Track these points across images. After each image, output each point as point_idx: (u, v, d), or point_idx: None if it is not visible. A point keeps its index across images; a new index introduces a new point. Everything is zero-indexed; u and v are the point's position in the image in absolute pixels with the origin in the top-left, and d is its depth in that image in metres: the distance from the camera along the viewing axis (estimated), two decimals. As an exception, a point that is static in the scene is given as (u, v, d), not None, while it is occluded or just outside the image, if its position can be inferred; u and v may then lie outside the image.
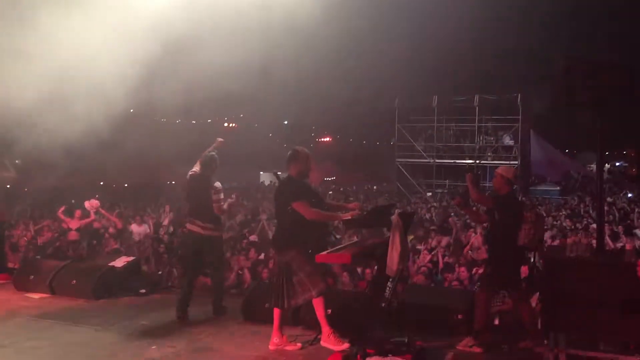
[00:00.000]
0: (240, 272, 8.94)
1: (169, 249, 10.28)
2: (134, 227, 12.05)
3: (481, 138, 27.16)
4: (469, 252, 9.31)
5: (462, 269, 8.14)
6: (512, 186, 6.06)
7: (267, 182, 30.99)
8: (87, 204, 11.16)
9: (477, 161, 25.99)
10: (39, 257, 9.48)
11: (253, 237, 11.16)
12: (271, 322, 5.71)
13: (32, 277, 8.21)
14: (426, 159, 27.05)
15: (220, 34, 8.45)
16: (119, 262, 8.25)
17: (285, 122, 34.59)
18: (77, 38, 7.62)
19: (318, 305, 5.48)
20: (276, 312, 5.63)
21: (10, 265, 9.40)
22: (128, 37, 7.73)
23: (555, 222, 13.70)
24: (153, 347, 5.82)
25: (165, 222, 13.23)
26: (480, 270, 7.58)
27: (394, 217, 5.56)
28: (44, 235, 11.64)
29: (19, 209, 15.07)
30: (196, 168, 7.04)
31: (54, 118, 8.28)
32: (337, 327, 5.68)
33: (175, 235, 11.60)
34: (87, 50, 7.67)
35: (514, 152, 26.22)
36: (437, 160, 26.89)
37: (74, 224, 10.99)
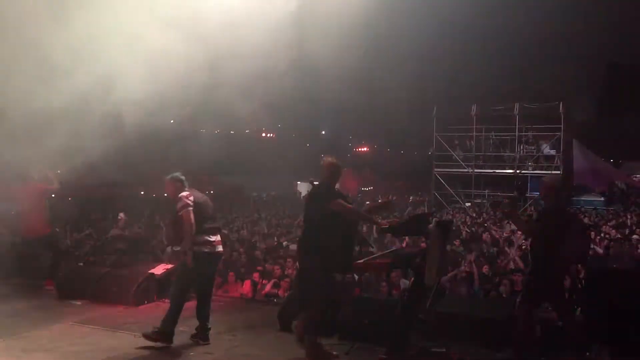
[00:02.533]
0: (277, 281, 8.97)
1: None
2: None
3: (521, 147, 26.63)
4: (506, 262, 9.12)
5: (501, 279, 7.98)
6: (559, 196, 5.88)
7: (303, 192, 31.12)
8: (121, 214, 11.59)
9: (518, 171, 25.51)
10: (81, 264, 9.69)
11: (293, 247, 11.14)
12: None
13: (75, 284, 8.42)
14: (465, 168, 26.68)
15: (257, 44, 8.52)
16: (158, 270, 8.39)
17: (323, 132, 34.71)
18: (116, 50, 7.79)
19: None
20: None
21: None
22: (168, 48, 7.86)
23: (600, 233, 13.31)
24: (191, 353, 5.89)
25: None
26: (517, 279, 7.42)
27: (432, 226, 5.50)
28: (86, 243, 11.94)
29: (64, 217, 15.47)
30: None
31: (96, 129, 8.47)
32: (374, 337, 5.62)
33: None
34: (127, 61, 7.80)
35: (555, 162, 25.61)
36: (476, 170, 26.49)
37: (115, 232, 11.25)
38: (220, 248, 6.36)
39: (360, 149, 41.92)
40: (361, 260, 5.49)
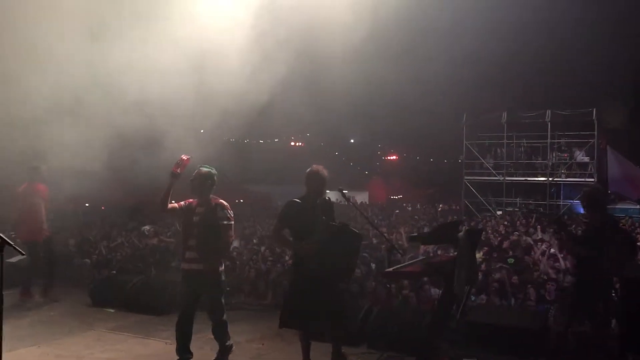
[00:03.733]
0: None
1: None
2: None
3: (554, 155, 26.17)
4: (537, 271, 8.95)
5: (532, 288, 7.83)
6: (603, 208, 5.71)
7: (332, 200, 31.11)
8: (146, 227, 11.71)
9: (551, 178, 25.09)
10: (114, 272, 9.85)
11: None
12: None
13: (108, 292, 8.58)
14: (496, 176, 26.33)
15: (288, 52, 8.58)
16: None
17: (352, 141, 34.69)
18: (152, 61, 7.92)
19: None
20: None
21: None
22: (200, 58, 7.96)
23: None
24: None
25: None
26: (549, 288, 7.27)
27: (461, 235, 5.43)
28: (118, 252, 12.11)
29: (97, 225, 15.74)
30: None
31: (126, 138, 8.61)
32: (403, 347, 5.57)
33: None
34: (160, 72, 7.92)
35: (589, 169, 25.08)
36: (507, 178, 26.11)
37: (148, 241, 11.40)
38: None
39: (389, 157, 41.77)
40: (391, 269, 5.45)
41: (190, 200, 5.77)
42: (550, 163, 25.66)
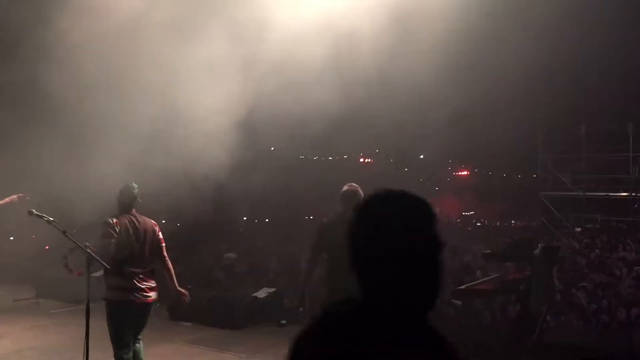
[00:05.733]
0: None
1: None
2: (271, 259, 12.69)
3: (637, 169, 24.87)
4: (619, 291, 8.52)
5: (619, 309, 7.46)
6: None
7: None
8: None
9: (634, 193, 23.85)
10: (190, 287, 10.16)
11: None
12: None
13: (184, 306, 8.85)
14: (574, 191, 25.27)
15: (355, 70, 8.65)
16: (262, 293, 8.65)
17: (421, 157, 34.33)
18: (218, 82, 8.17)
19: None
20: None
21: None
22: (266, 75, 8.14)
23: None
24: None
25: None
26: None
27: (537, 252, 5.29)
28: (194, 267, 12.50)
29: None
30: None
31: (199, 154, 8.89)
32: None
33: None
34: (226, 88, 8.13)
35: (677, 183, 23.68)
36: (587, 193, 25.01)
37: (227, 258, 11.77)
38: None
39: (460, 173, 41.03)
40: (463, 286, 5.37)
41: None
42: (634, 177, 24.40)
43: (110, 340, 5.02)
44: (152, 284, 5.04)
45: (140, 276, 4.92)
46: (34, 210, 4.91)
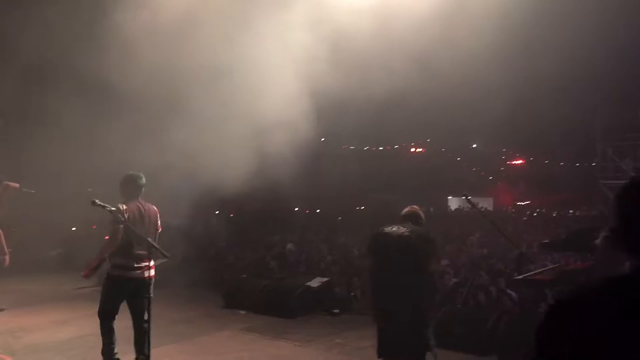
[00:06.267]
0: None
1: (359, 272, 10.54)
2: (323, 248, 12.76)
3: (702, 155, 23.63)
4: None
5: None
6: None
7: (453, 207, 30.38)
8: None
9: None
10: (244, 276, 10.35)
11: (445, 262, 10.87)
12: (464, 349, 5.54)
13: (239, 294, 9.05)
14: (636, 179, 24.22)
15: (406, 59, 8.54)
16: (315, 282, 8.72)
17: (474, 146, 33.64)
18: (270, 74, 8.22)
19: None
20: None
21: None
22: (318, 66, 8.13)
23: None
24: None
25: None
26: None
27: (599, 241, 5.10)
28: (247, 257, 12.71)
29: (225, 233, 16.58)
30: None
31: (253, 146, 8.98)
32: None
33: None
34: (279, 80, 8.17)
35: None
36: (649, 181, 23.95)
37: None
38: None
39: (514, 162, 39.98)
40: (520, 276, 5.25)
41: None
42: (701, 163, 23.21)
43: (98, 313, 5.40)
44: (151, 263, 5.42)
45: (143, 257, 5.32)
46: (97, 201, 5.09)
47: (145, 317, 5.31)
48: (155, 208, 5.64)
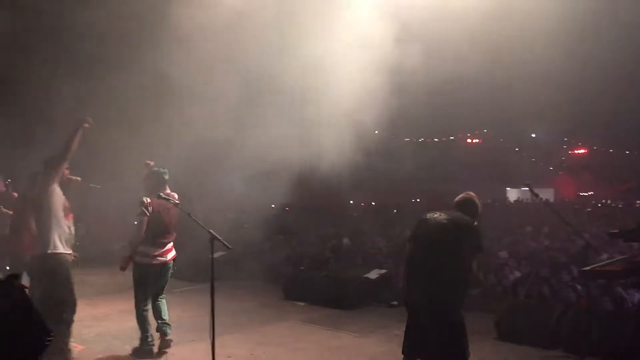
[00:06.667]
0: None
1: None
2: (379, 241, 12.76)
3: None
4: None
5: None
6: None
7: (512, 199, 29.64)
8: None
9: None
10: (302, 268, 10.45)
11: (503, 254, 10.67)
12: (529, 342, 5.41)
13: (298, 286, 9.16)
14: None
15: (463, 46, 8.38)
16: (373, 274, 8.71)
17: (533, 135, 32.69)
18: (331, 66, 8.21)
19: None
20: None
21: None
22: (377, 61, 8.08)
23: None
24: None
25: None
26: None
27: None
28: (304, 250, 12.82)
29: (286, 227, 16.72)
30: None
31: (309, 141, 9.02)
32: (604, 352, 5.16)
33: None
34: (338, 74, 8.15)
35: None
36: None
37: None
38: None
39: (577, 151, 38.58)
40: (588, 268, 5.08)
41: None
42: None
43: (134, 297, 5.87)
44: (171, 249, 5.97)
45: (165, 244, 5.87)
46: (161, 194, 5.25)
47: (163, 294, 6.03)
48: (175, 195, 5.89)
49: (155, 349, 5.87)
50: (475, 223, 4.27)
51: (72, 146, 5.18)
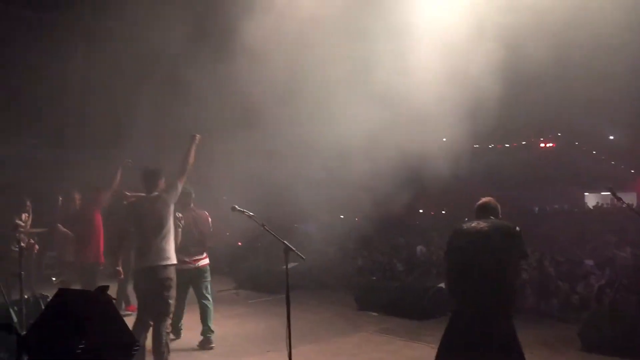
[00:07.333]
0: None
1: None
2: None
3: None
4: None
5: None
6: None
7: (591, 204, 28.36)
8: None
9: None
10: (374, 278, 10.41)
11: (589, 262, 10.17)
12: (615, 353, 5.17)
13: (371, 296, 9.14)
14: None
15: (533, 48, 8.13)
16: (447, 284, 8.56)
17: (611, 138, 31.18)
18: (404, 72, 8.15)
19: None
20: None
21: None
22: (453, 65, 7.95)
23: None
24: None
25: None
26: None
27: None
28: (376, 260, 12.76)
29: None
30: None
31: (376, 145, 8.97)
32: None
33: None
34: (412, 80, 8.08)
35: None
36: None
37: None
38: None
39: (659, 153, 36.44)
40: None
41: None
42: None
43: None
44: (203, 256, 7.03)
45: (196, 252, 6.91)
46: (236, 207, 5.39)
47: (206, 296, 7.00)
48: (206, 213, 7.15)
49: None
50: (518, 228, 4.14)
51: (189, 161, 5.83)
